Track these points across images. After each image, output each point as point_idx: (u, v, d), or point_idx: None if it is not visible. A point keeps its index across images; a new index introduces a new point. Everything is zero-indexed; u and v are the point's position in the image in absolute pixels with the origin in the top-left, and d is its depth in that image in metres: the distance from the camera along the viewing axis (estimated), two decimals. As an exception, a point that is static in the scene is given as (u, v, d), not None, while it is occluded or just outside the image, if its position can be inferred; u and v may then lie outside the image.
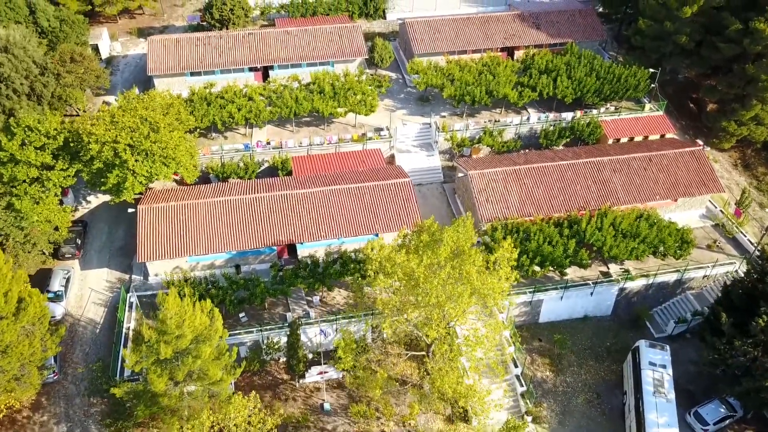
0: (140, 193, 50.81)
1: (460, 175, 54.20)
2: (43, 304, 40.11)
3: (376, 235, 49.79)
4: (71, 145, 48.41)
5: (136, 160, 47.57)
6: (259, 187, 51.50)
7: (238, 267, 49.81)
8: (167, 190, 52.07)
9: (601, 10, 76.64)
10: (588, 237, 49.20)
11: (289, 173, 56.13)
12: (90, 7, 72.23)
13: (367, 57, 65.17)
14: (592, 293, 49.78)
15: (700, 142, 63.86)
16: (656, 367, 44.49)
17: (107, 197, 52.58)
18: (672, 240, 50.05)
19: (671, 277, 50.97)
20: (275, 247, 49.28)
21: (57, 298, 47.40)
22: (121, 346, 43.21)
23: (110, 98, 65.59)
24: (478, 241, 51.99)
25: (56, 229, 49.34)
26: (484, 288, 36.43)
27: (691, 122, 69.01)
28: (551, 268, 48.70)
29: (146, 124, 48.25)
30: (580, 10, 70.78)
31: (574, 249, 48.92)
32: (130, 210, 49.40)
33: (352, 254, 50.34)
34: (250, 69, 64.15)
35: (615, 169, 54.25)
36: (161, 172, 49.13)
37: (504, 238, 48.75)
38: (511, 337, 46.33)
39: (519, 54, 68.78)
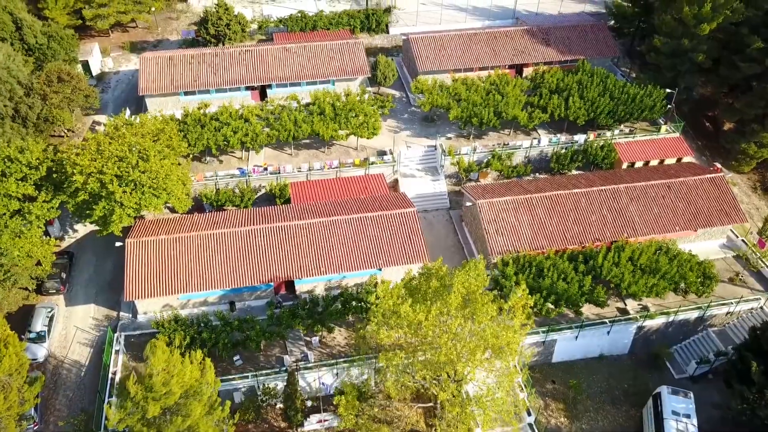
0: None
1: (468, 204, 51.24)
2: (21, 352, 37.16)
3: (380, 269, 46.86)
4: (54, 176, 45.49)
5: (124, 192, 44.64)
6: (255, 217, 48.54)
7: (232, 304, 46.84)
8: (158, 220, 49.09)
9: (612, 22, 73.72)
10: (605, 273, 46.25)
11: (288, 201, 53.19)
12: (80, 21, 69.32)
13: (369, 76, 62.20)
14: (608, 332, 46.82)
15: (718, 165, 60.96)
16: (680, 417, 41.51)
17: (96, 226, 49.64)
18: (694, 275, 47.08)
19: (692, 314, 47.99)
20: (272, 283, 46.32)
21: (39, 338, 44.49)
22: (107, 395, 40.24)
23: (101, 117, 62.76)
24: (488, 273, 49.20)
25: (39, 263, 46.40)
26: (499, 342, 33.44)
27: (707, 142, 66.06)
28: (566, 307, 45.71)
29: (135, 153, 45.34)
30: (591, 24, 67.84)
31: (590, 286, 45.96)
32: (117, 244, 46.45)
33: (354, 289, 47.52)
34: (247, 88, 61.23)
35: (632, 197, 51.28)
36: (151, 203, 46.21)
37: (516, 275, 46.09)
38: (524, 383, 43.34)
39: (528, 71, 65.86)
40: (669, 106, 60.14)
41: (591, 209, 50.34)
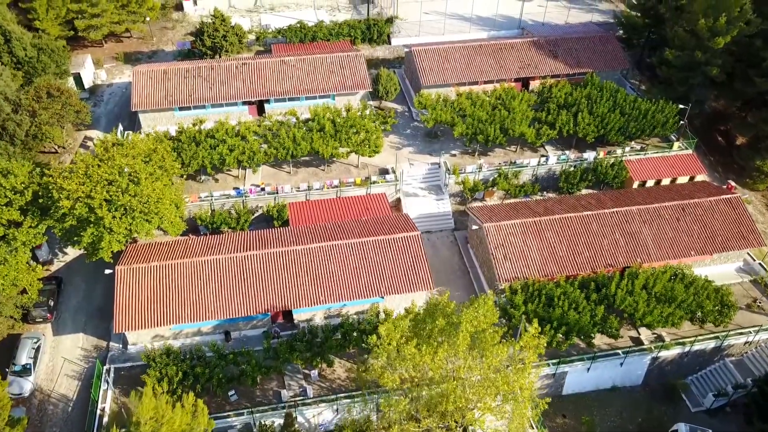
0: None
1: (474, 227, 49.07)
2: (2, 392, 35.06)
3: (382, 297, 44.71)
4: (41, 200, 43.35)
5: (114, 217, 42.49)
6: (251, 242, 46.39)
7: (227, 333, 44.69)
8: (150, 244, 46.91)
9: (620, 32, 71.54)
10: (618, 302, 44.08)
11: (286, 222, 51.03)
12: (72, 32, 67.14)
13: (371, 90, 60.03)
14: (621, 363, 44.66)
15: (732, 183, 58.78)
16: (699, 458, 39.41)
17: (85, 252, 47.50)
18: (711, 304, 44.92)
19: (709, 344, 45.84)
20: (269, 313, 44.15)
21: (25, 371, 42.33)
22: (94, 434, 38.17)
23: (93, 132, 60.61)
24: (494, 299, 47.14)
25: (24, 291, 44.26)
26: (511, 387, 31.29)
27: (720, 158, 63.87)
28: (577, 337, 43.55)
29: (125, 176, 43.19)
30: (600, 36, 65.66)
31: (603, 316, 43.80)
32: (107, 271, 44.28)
33: (355, 317, 45.42)
34: (244, 103, 59.08)
35: (645, 220, 49.13)
36: (142, 229, 44.09)
37: (525, 303, 43.97)
38: (535, 422, 41.16)
39: (535, 84, 63.71)
40: (681, 122, 57.94)
41: (602, 233, 48.19)
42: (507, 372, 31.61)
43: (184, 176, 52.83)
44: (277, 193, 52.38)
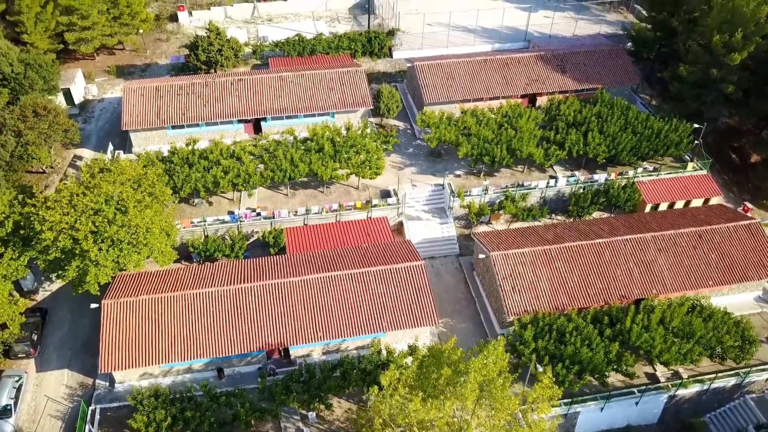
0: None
1: (482, 256, 46.65)
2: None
3: (384, 333, 42.31)
4: (22, 231, 40.95)
5: (100, 249, 40.08)
6: (246, 272, 43.99)
7: (220, 371, 42.30)
8: (139, 274, 44.44)
9: (630, 45, 69.15)
10: (633, 339, 41.66)
11: (282, 249, 48.62)
12: (62, 46, 64.75)
13: (372, 108, 57.62)
14: (637, 403, 42.27)
15: (747, 204, 56.40)
16: None
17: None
18: (731, 340, 42.51)
19: (729, 381, 43.44)
20: (264, 350, 41.76)
21: (5, 413, 39.87)
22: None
23: (83, 151, 58.27)
24: (502, 331, 44.88)
25: (4, 326, 41.86)
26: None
27: (734, 176, 61.40)
28: (590, 375, 41.14)
29: (112, 204, 40.80)
30: (609, 50, 63.25)
31: (617, 353, 41.39)
32: (93, 306, 41.85)
33: (354, 352, 43.14)
34: (240, 121, 56.70)
35: (660, 248, 46.74)
36: (131, 260, 41.70)
37: (535, 339, 41.57)
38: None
39: (542, 100, 61.32)
40: (696, 141, 55.54)
41: (616, 262, 45.80)
42: (520, 429, 29.21)
43: (177, 200, 50.38)
44: (274, 217, 49.96)
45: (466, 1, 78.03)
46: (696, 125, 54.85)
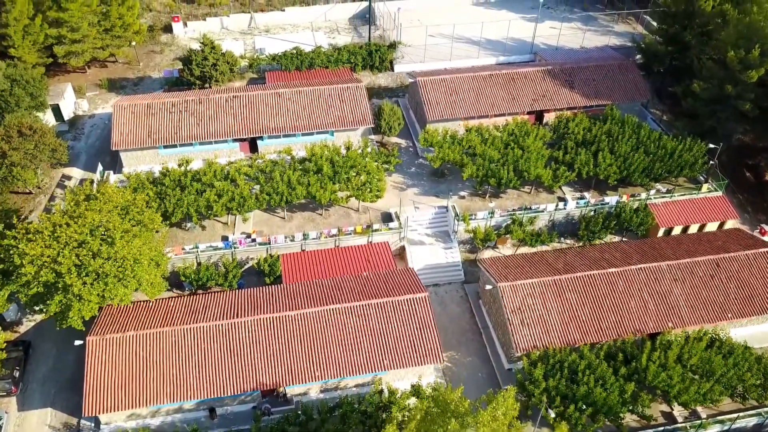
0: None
1: (488, 287, 44.28)
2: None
3: (384, 371, 39.99)
4: (1, 265, 38.63)
5: (84, 283, 37.75)
6: (239, 304, 41.75)
7: (212, 410, 39.99)
8: (127, 307, 42.12)
9: (638, 57, 66.82)
10: (650, 378, 39.29)
11: (278, 278, 46.27)
12: (51, 59, 62.43)
13: (372, 126, 55.29)
14: (653, 445, 40.02)
15: (765, 227, 54.06)
16: None
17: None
18: (753, 378, 40.16)
19: (750, 421, 41.12)
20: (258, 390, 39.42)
21: (-17, 457, 37.67)
22: None
23: (72, 171, 55.99)
24: (510, 366, 42.62)
25: (-16, 364, 39.64)
26: None
27: (749, 196, 58.99)
28: (604, 416, 38.77)
29: (98, 235, 38.49)
30: (619, 64, 60.88)
31: (633, 393, 39.03)
32: (77, 342, 39.55)
33: (354, 389, 40.88)
34: (235, 139, 54.38)
35: (676, 277, 44.40)
36: (117, 294, 39.35)
37: (545, 378, 39.22)
38: None
39: (549, 116, 58.99)
40: (711, 162, 53.19)
41: (629, 293, 43.47)
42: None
43: (168, 225, 48.04)
44: (269, 243, 47.64)
45: (470, 12, 75.86)
46: (711, 145, 52.49)
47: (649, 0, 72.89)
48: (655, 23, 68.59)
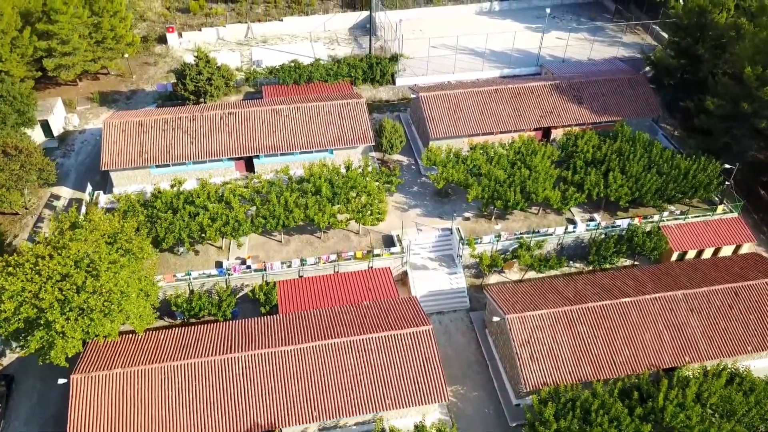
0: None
1: (496, 319, 42.07)
2: None
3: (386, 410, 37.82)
4: (-21, 301, 36.48)
5: (68, 319, 35.60)
6: (233, 338, 39.62)
7: (204, 452, 37.77)
8: (114, 341, 39.90)
9: (648, 69, 64.74)
10: (668, 419, 37.06)
11: (274, 307, 44.09)
12: (40, 73, 60.30)
13: (373, 144, 53.14)
14: (671, 488, 37.76)
15: (783, 249, 51.91)
16: None
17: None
18: (777, 418, 37.98)
19: (772, 461, 38.96)
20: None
21: (-40, 504, 35.51)
22: None
23: (61, 189, 53.88)
24: (519, 401, 40.51)
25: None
26: None
27: (764, 215, 56.81)
28: (619, 461, 36.62)
29: (83, 266, 36.33)
30: (629, 78, 58.69)
31: (650, 434, 36.88)
32: (60, 381, 37.38)
33: (354, 428, 38.70)
34: (230, 158, 52.23)
35: (692, 307, 42.23)
36: (103, 329, 37.23)
37: (556, 418, 36.98)
38: None
39: (557, 133, 56.85)
40: (727, 183, 51.00)
41: (644, 325, 41.29)
42: None
43: (158, 252, 45.86)
44: (265, 270, 45.47)
45: (474, 23, 73.75)
46: (727, 165, 50.31)
47: (658, 10, 70.69)
48: (664, 33, 66.51)
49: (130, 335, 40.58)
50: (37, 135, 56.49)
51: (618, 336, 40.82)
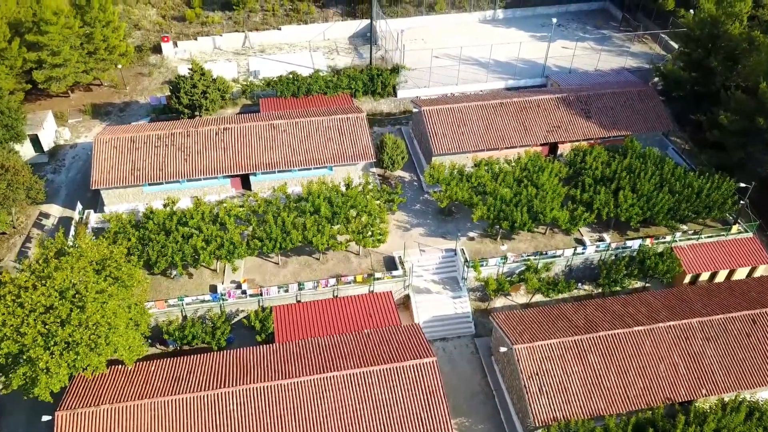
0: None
1: (503, 349, 40.15)
2: None
3: (389, 447, 35.93)
4: (-41, 336, 34.57)
5: (52, 354, 33.70)
6: (227, 370, 37.73)
7: (196, 492, 35.88)
8: (102, 374, 37.99)
9: (657, 80, 62.87)
10: (686, 458, 35.22)
11: (271, 335, 42.17)
12: (30, 85, 58.42)
13: (374, 160, 51.25)
14: None
15: (799, 271, 49.89)
16: None
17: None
18: (799, 455, 36.10)
19: (794, 501, 37.03)
20: (248, 469, 35.41)
21: None
22: None
23: (50, 207, 52.04)
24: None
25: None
26: None
27: (779, 234, 54.92)
28: (634, 501, 34.76)
29: (69, 296, 34.43)
30: (639, 91, 56.72)
31: (666, 474, 35.00)
32: (44, 418, 35.50)
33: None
34: (226, 175, 50.33)
35: (708, 336, 40.34)
36: (90, 365, 35.28)
37: (567, 458, 35.04)
38: None
39: (564, 148, 54.95)
40: (742, 202, 49.07)
41: (658, 355, 39.39)
42: None
43: (149, 275, 43.98)
44: (262, 295, 43.57)
45: (477, 32, 71.89)
46: (742, 184, 48.38)
47: (667, 18, 68.76)
48: (673, 43, 64.60)
49: (119, 366, 38.65)
50: (26, 150, 54.66)
51: (631, 367, 38.93)
